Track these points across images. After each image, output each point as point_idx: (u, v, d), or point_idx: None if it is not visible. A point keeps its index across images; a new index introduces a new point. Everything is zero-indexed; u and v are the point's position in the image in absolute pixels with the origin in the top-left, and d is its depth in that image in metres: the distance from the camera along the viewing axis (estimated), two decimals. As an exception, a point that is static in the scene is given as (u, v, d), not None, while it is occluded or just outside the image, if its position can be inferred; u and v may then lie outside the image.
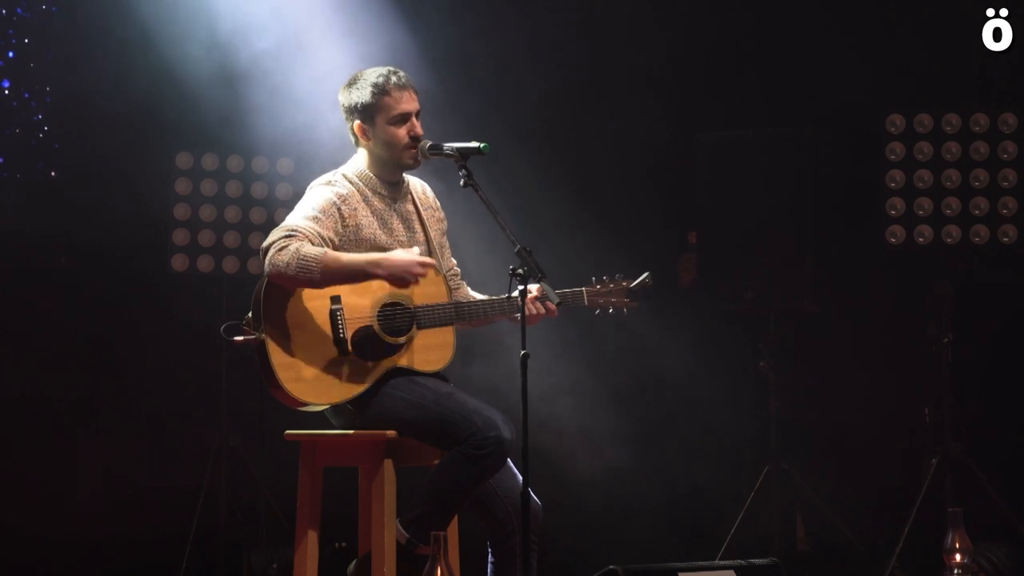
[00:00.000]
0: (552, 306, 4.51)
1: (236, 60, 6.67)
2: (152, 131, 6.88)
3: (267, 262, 4.38)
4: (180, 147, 6.86)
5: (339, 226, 4.51)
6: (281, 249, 4.37)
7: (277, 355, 4.44)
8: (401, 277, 4.43)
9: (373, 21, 6.67)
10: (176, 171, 6.85)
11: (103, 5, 6.76)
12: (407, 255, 4.45)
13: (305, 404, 4.48)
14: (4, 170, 6.94)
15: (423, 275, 4.45)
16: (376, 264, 4.42)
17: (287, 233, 4.40)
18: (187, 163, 6.86)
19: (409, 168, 4.65)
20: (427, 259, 4.50)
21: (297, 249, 4.36)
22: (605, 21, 7.20)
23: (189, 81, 6.77)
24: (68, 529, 6.76)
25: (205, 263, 6.84)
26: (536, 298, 4.52)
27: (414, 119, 4.60)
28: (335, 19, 6.62)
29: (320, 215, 4.48)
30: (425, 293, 4.58)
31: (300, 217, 4.47)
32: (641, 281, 4.71)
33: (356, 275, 4.43)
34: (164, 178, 6.85)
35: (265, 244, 4.42)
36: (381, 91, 4.57)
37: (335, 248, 4.48)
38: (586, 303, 4.70)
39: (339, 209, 4.51)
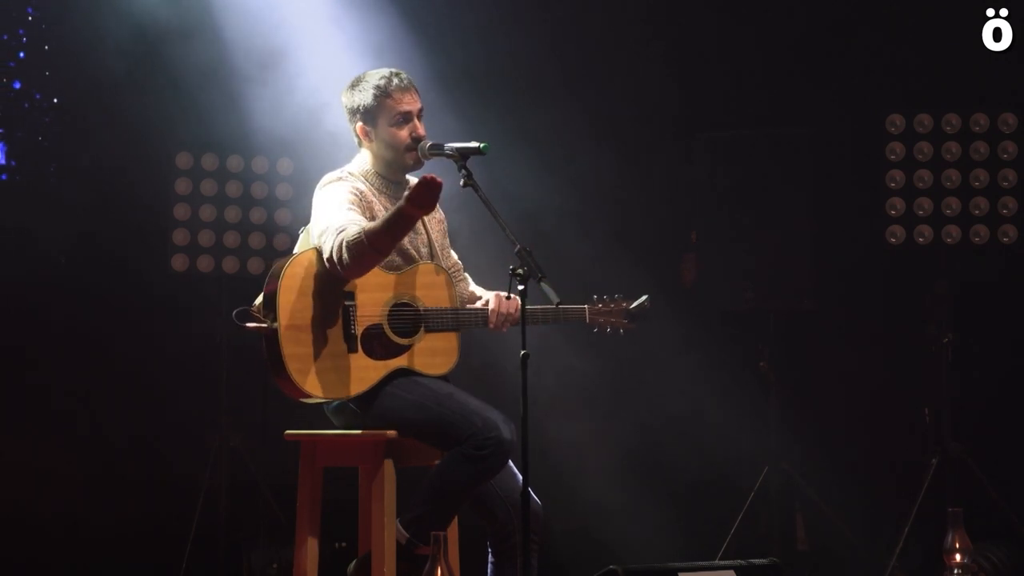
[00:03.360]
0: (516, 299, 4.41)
1: (237, 60, 6.67)
2: (152, 131, 6.88)
3: (339, 268, 4.37)
4: (180, 147, 6.86)
5: (363, 216, 4.51)
6: (338, 248, 4.36)
7: (288, 345, 4.44)
8: (425, 195, 4.32)
9: (373, 20, 6.67)
10: (176, 171, 6.85)
11: (103, 5, 6.76)
12: (416, 188, 4.33)
13: (309, 396, 4.49)
14: (17, 173, 6.93)
15: (430, 189, 4.34)
16: (403, 207, 4.32)
17: (336, 232, 4.39)
18: (187, 163, 6.86)
19: (411, 169, 4.66)
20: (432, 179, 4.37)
21: (343, 239, 4.35)
22: (605, 21, 7.21)
23: (189, 81, 6.78)
24: (68, 528, 6.76)
25: (205, 263, 6.84)
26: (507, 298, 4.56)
27: (416, 120, 4.61)
28: (335, 18, 6.62)
29: (351, 205, 4.48)
30: (433, 296, 4.59)
31: (336, 214, 4.45)
32: (640, 304, 4.77)
33: (397, 222, 4.36)
34: (164, 178, 6.85)
35: (326, 257, 4.40)
36: (383, 93, 4.58)
37: None
38: (587, 320, 4.76)
39: (360, 200, 4.53)
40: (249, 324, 4.50)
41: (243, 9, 6.64)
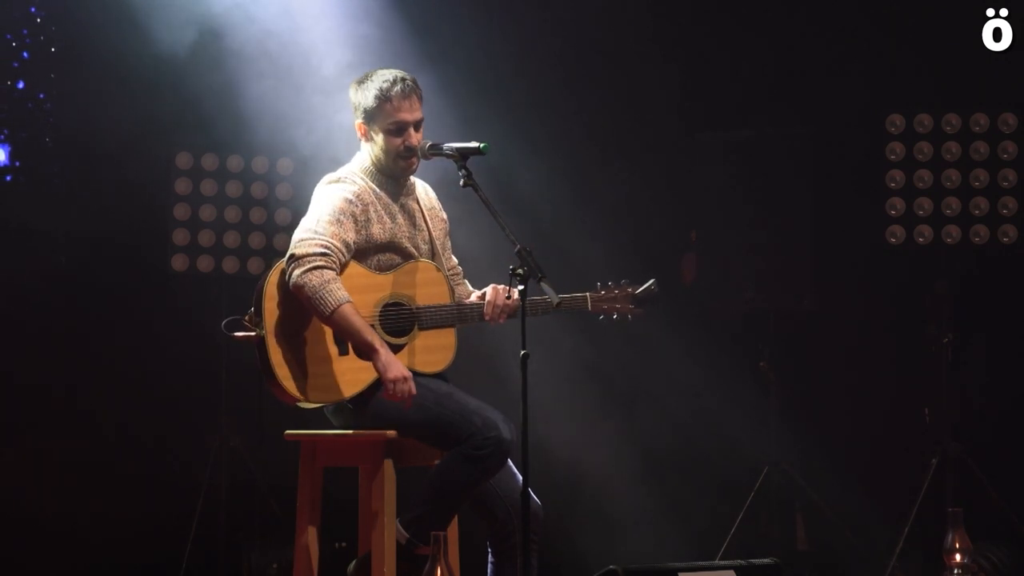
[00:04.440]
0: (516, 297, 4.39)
1: (237, 60, 6.67)
2: (152, 131, 6.88)
3: (296, 275, 4.38)
4: (180, 147, 6.86)
5: (356, 225, 4.52)
6: (315, 269, 4.38)
7: (277, 352, 4.44)
8: (385, 378, 4.40)
9: (373, 19, 6.67)
10: (176, 171, 6.85)
11: (103, 5, 6.76)
12: (402, 368, 4.42)
13: (302, 401, 4.49)
14: (20, 174, 6.93)
15: (402, 395, 4.41)
16: (377, 350, 4.40)
17: (322, 251, 4.41)
18: (187, 163, 6.86)
19: (402, 175, 4.65)
20: (413, 387, 4.43)
21: (327, 282, 4.37)
22: (606, 23, 7.20)
23: (189, 81, 6.77)
24: (68, 528, 6.76)
25: (205, 263, 6.84)
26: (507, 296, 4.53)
27: (411, 130, 4.59)
28: (335, 18, 6.62)
29: (342, 217, 4.49)
30: (427, 294, 4.58)
31: (324, 223, 4.46)
32: (646, 288, 4.67)
33: (354, 341, 4.43)
34: (164, 178, 6.85)
35: (298, 252, 4.41)
36: (383, 97, 4.57)
37: (353, 250, 4.50)
38: (590, 308, 4.65)
39: (354, 208, 4.52)
40: (237, 334, 4.50)
41: (244, 10, 6.64)
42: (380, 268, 4.57)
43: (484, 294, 4.64)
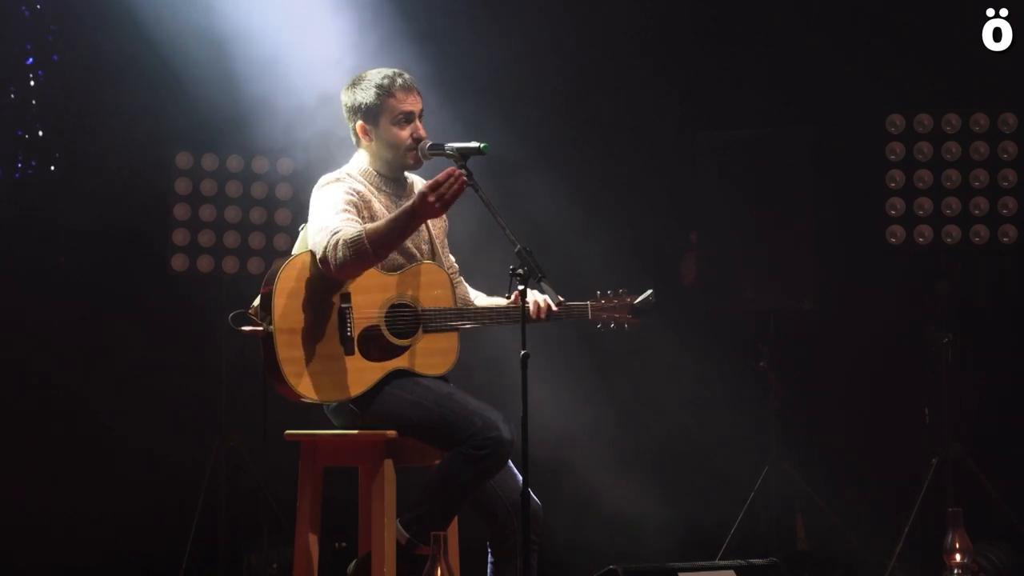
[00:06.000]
0: (555, 308, 4.50)
1: (236, 60, 6.67)
2: (152, 131, 6.88)
3: (332, 266, 4.36)
4: (180, 147, 6.86)
5: (360, 215, 4.52)
6: (332, 247, 4.37)
7: (283, 349, 4.44)
8: (440, 199, 4.32)
9: (373, 20, 6.67)
10: (176, 171, 6.85)
11: (104, 5, 6.76)
12: (430, 183, 4.33)
13: (306, 399, 4.49)
14: (19, 173, 6.92)
15: (457, 184, 4.33)
16: (412, 208, 4.33)
17: (331, 233, 4.40)
18: (187, 163, 6.86)
19: (411, 168, 4.67)
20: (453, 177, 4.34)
21: (339, 239, 4.35)
22: (606, 23, 7.21)
23: (189, 81, 6.78)
24: (67, 528, 6.76)
25: (205, 263, 6.84)
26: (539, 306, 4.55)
27: (417, 120, 4.61)
28: (335, 18, 6.62)
29: (347, 207, 4.49)
30: (432, 296, 4.59)
31: (331, 215, 4.46)
32: (645, 298, 4.69)
33: (403, 224, 4.37)
34: (164, 178, 6.85)
35: (320, 255, 4.40)
36: (385, 92, 4.58)
37: None
38: (590, 317, 4.69)
39: (356, 200, 4.53)
40: (245, 328, 4.50)
41: (244, 10, 6.64)
42: (383, 269, 4.57)
43: (493, 300, 4.67)
